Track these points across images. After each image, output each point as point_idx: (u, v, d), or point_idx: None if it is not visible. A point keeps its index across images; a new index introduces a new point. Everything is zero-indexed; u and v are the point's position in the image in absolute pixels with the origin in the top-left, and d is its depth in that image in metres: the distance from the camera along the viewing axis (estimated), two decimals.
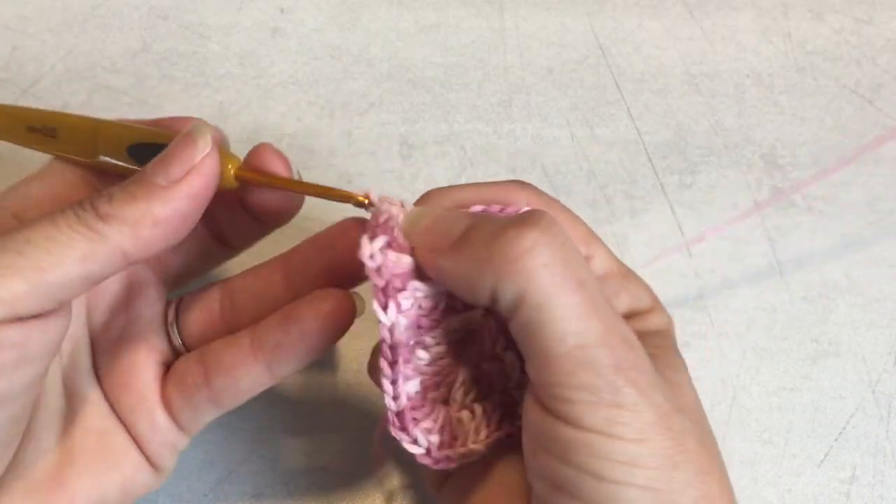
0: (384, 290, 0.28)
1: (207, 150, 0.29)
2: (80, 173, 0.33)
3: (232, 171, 0.31)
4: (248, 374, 0.32)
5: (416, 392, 0.30)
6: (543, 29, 0.49)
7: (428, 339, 0.30)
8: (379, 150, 0.45)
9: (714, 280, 0.43)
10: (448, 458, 0.30)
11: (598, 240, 0.32)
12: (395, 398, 0.29)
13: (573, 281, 0.26)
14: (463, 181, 0.45)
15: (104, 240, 0.27)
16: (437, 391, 0.31)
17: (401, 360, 0.29)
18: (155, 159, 0.29)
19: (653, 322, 0.31)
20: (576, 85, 0.48)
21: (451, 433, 0.30)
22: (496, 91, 0.47)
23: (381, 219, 0.29)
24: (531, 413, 0.27)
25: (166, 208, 0.28)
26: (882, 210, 0.45)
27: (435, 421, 0.30)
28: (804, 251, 0.44)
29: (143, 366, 0.33)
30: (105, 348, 0.33)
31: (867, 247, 0.44)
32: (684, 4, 0.50)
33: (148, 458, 0.33)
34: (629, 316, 0.31)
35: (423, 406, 0.30)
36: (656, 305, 0.32)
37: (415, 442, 0.30)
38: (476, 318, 0.31)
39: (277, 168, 0.31)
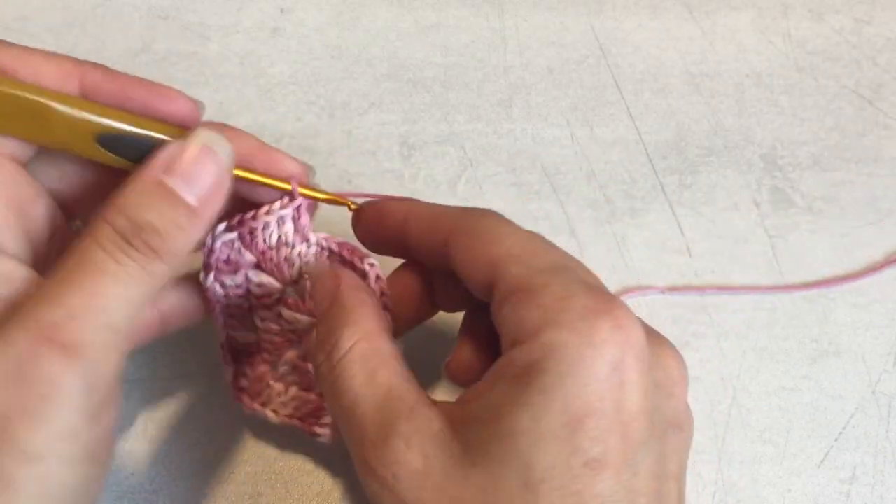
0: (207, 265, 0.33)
1: (231, 164, 0.29)
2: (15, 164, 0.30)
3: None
4: None
5: (245, 338, 0.36)
6: (543, 29, 0.49)
7: (262, 313, 0.35)
8: (379, 150, 0.45)
9: (714, 280, 0.43)
10: (238, 398, 0.36)
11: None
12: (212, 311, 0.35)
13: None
14: (463, 181, 0.45)
15: (164, 277, 0.28)
16: (269, 355, 0.36)
17: (220, 305, 0.34)
18: (168, 164, 0.28)
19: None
20: (576, 85, 0.48)
21: (258, 388, 0.36)
22: (496, 91, 0.47)
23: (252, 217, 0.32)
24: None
25: (202, 229, 0.29)
26: (882, 210, 0.45)
27: (251, 368, 0.36)
28: (804, 251, 0.44)
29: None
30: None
31: (867, 247, 0.44)
32: (684, 4, 0.50)
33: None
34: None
35: (252, 354, 0.36)
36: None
37: (232, 357, 0.36)
38: (299, 319, 0.34)
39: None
